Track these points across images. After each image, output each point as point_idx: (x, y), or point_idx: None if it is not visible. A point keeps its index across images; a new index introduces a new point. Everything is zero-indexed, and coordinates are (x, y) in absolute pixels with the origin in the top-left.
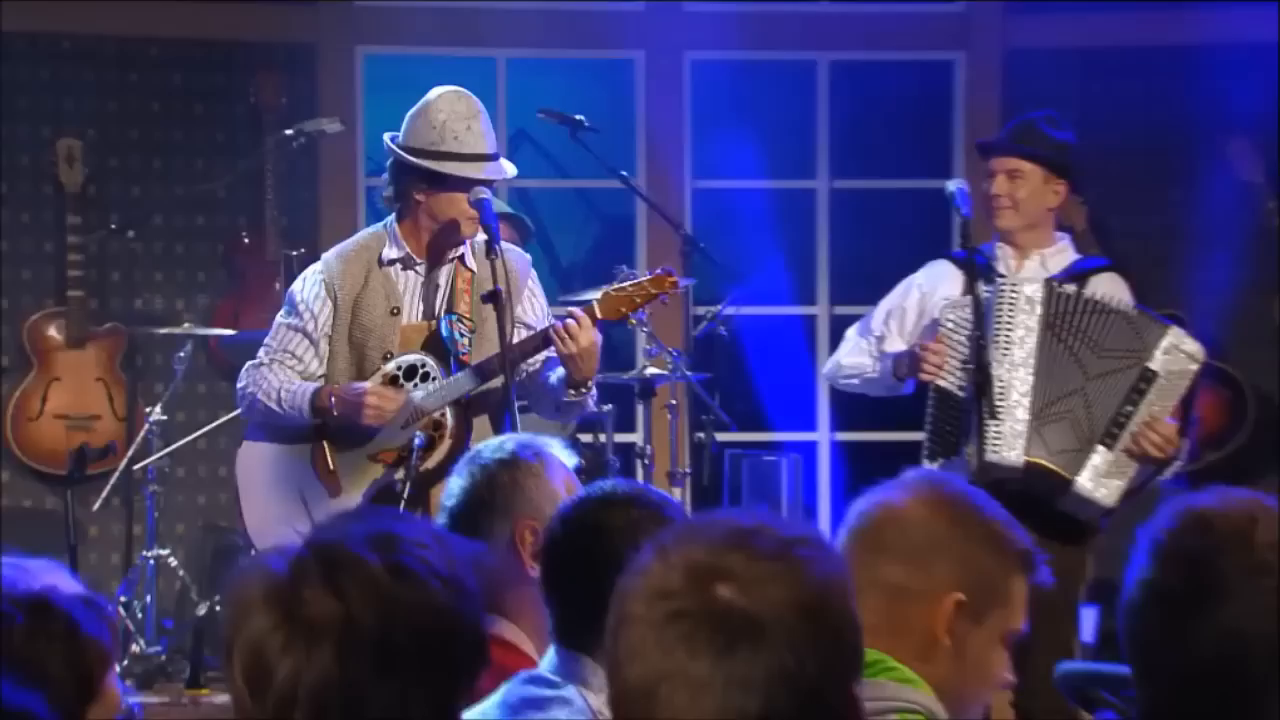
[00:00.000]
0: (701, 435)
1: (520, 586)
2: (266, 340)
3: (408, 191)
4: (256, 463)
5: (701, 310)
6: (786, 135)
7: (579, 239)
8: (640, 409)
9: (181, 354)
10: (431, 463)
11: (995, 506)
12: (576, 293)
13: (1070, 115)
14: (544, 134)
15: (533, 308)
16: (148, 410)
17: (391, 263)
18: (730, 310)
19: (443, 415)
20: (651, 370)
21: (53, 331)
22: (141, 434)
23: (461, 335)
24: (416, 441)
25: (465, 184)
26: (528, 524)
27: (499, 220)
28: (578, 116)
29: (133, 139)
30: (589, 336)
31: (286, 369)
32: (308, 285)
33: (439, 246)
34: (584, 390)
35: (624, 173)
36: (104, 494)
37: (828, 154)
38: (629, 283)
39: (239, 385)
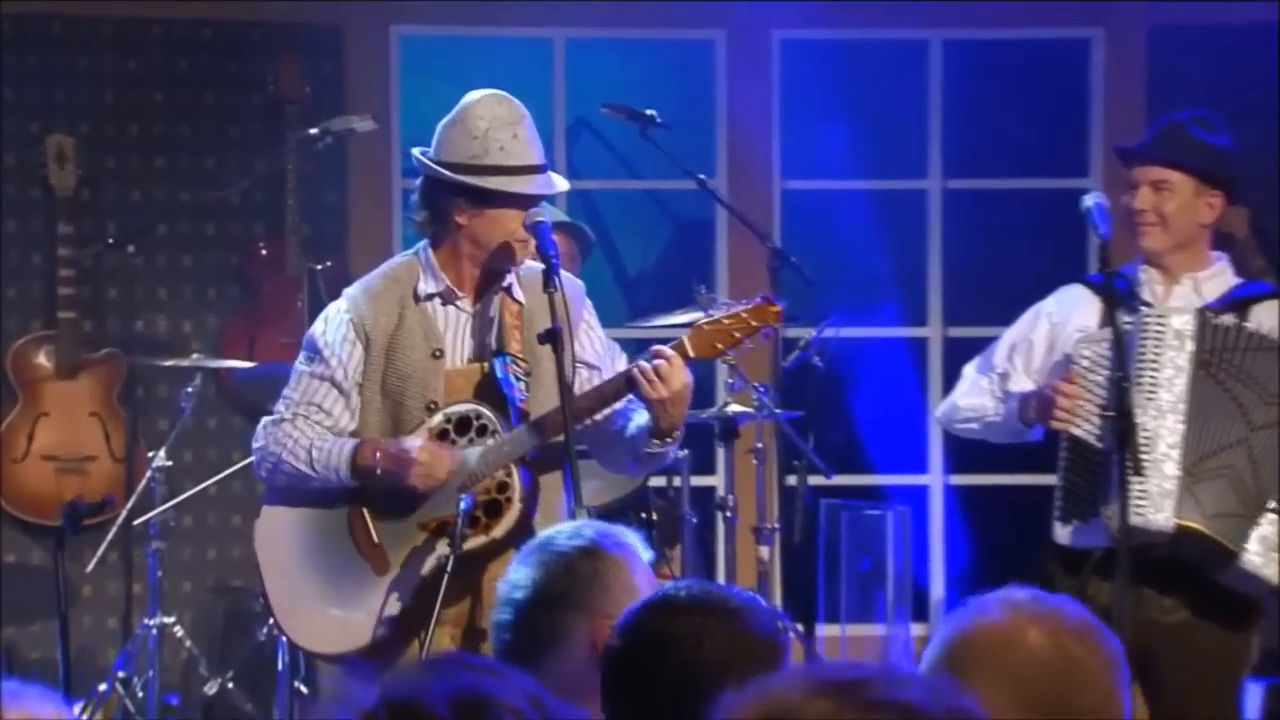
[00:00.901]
0: (793, 483)
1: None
2: (286, 392)
3: (446, 214)
4: (281, 534)
5: (793, 335)
6: (892, 127)
7: (648, 249)
8: (721, 452)
9: (189, 389)
10: (499, 531)
11: (1111, 639)
12: (648, 317)
13: (1226, 104)
14: (608, 124)
15: (591, 343)
16: (150, 454)
17: (429, 298)
18: (828, 333)
19: (508, 474)
20: (734, 407)
21: (41, 359)
22: (144, 482)
23: (518, 379)
24: (463, 504)
25: (514, 201)
26: (607, 623)
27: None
28: (648, 111)
29: (133, 135)
30: (681, 379)
31: (313, 424)
32: (332, 326)
33: (484, 276)
34: (671, 439)
35: (701, 176)
36: (100, 550)
37: (940, 149)
38: (723, 314)
39: (256, 445)
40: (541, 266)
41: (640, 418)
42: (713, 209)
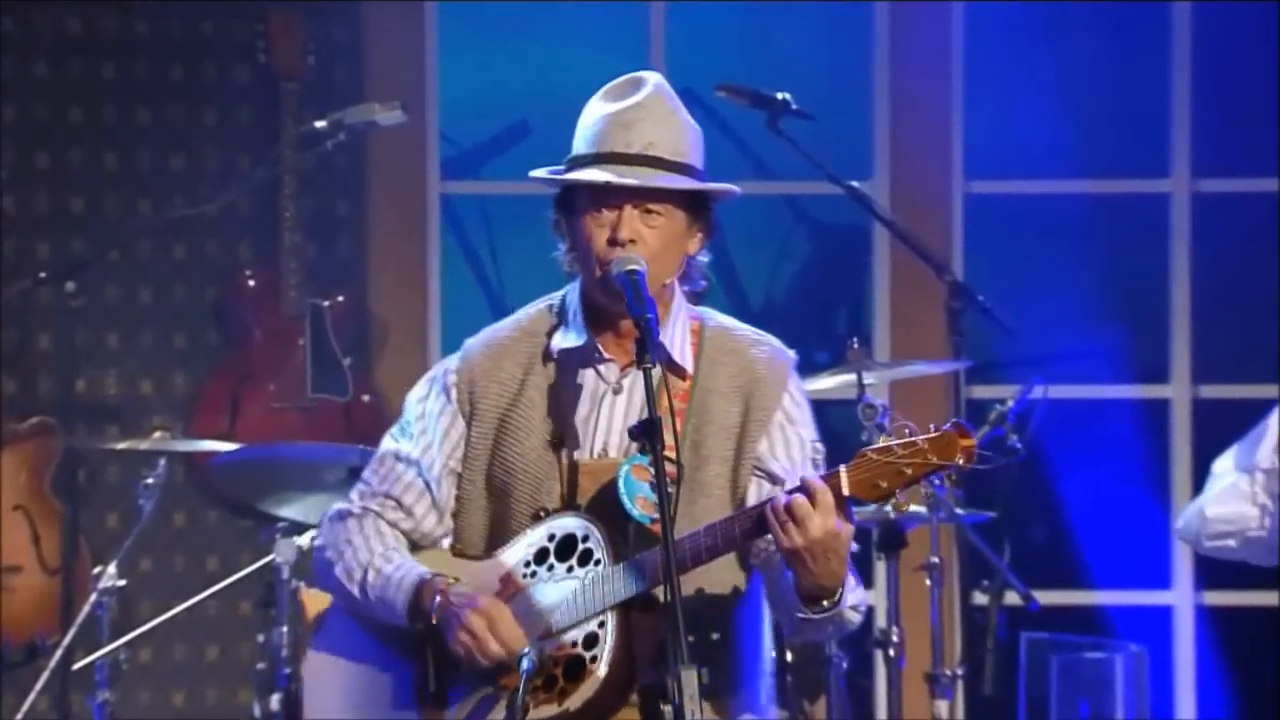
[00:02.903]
0: (982, 611)
1: None
2: (365, 474)
3: (567, 239)
4: (333, 667)
5: (978, 396)
6: (1117, 113)
7: (774, 279)
8: (882, 568)
9: (150, 480)
10: (574, 702)
11: None
12: None
13: None
14: (727, 110)
15: (785, 444)
16: (96, 569)
17: (565, 355)
18: (1033, 395)
19: (601, 623)
20: (895, 508)
21: None
22: (87, 607)
23: (650, 492)
24: (524, 666)
25: (581, 202)
26: None
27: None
28: (779, 95)
29: (74, 124)
30: (824, 524)
31: (385, 527)
32: (433, 391)
33: (629, 329)
34: (826, 608)
35: (853, 182)
36: (27, 702)
37: (1188, 142)
38: (898, 442)
39: (316, 544)
40: (726, 321)
41: None
42: (867, 225)
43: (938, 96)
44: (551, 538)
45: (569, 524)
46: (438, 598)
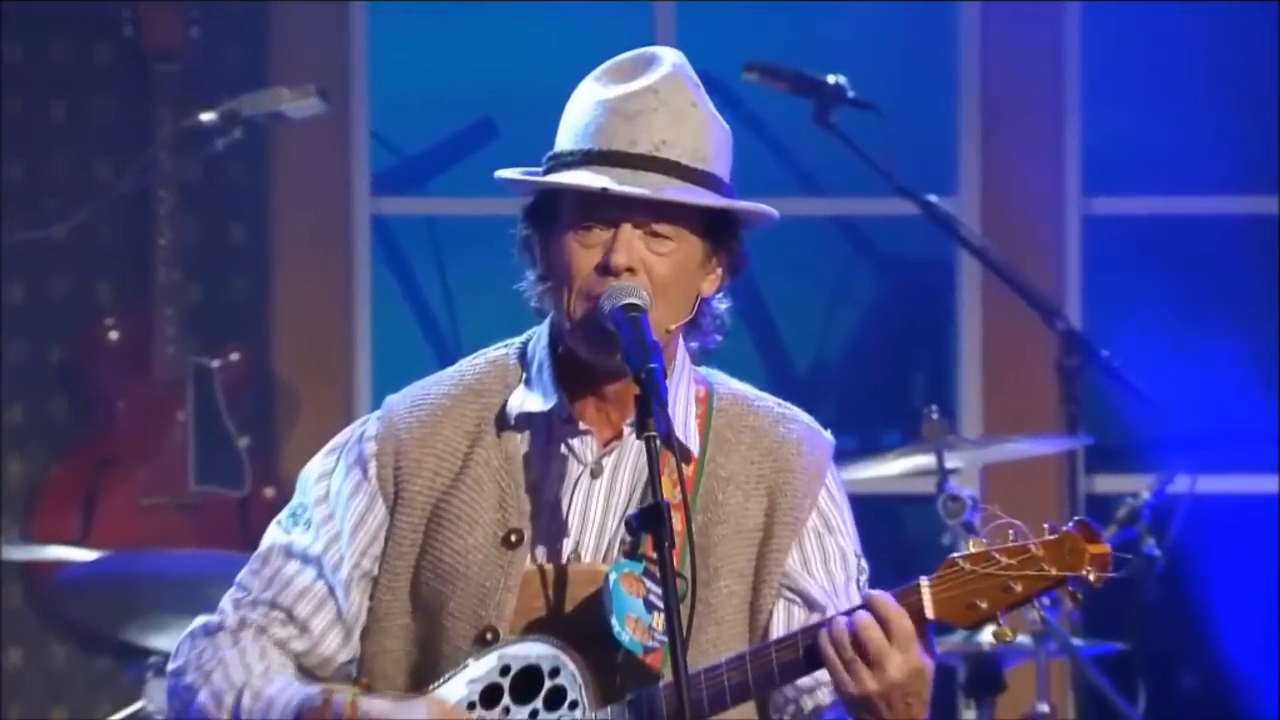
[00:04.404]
0: None
1: None
2: (243, 576)
3: (539, 265)
4: None
5: (1102, 489)
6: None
7: (830, 326)
8: (973, 719)
9: None
10: None
11: None
12: (844, 465)
13: None
14: (758, 101)
15: (822, 556)
16: None
17: (526, 422)
18: (1175, 488)
19: None
20: (994, 636)
21: None
22: None
23: (645, 611)
24: None
25: (568, 214)
26: None
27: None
28: (830, 79)
29: None
30: (908, 661)
31: (269, 646)
32: (342, 465)
33: (616, 391)
34: None
35: (931, 197)
36: None
37: None
38: (1000, 547)
39: (172, 666)
40: (741, 387)
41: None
42: (949, 255)
43: (1046, 97)
44: (505, 670)
45: (530, 652)
46: (339, 712)
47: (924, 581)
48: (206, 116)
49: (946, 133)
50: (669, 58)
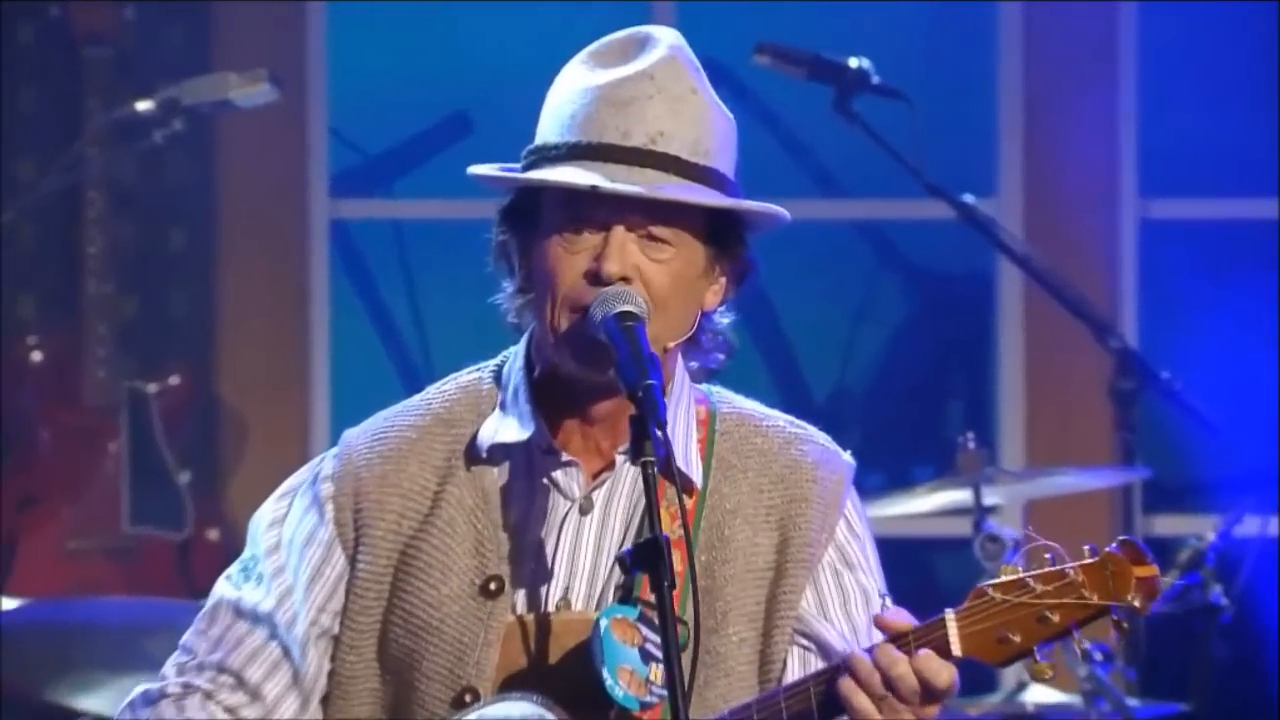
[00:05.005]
0: None
1: None
2: (188, 637)
3: (518, 274)
4: None
5: (1162, 530)
6: None
7: (853, 345)
8: None
9: None
10: None
11: None
12: (869, 501)
13: None
14: (769, 89)
15: (843, 596)
16: None
17: (502, 454)
18: (1243, 529)
19: None
20: (1039, 693)
21: None
22: None
23: (640, 662)
24: None
25: (561, 217)
26: None
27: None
28: (852, 62)
29: None
30: (941, 698)
31: (218, 714)
32: (296, 510)
33: (608, 416)
34: None
35: (967, 197)
36: None
37: None
38: (1034, 573)
39: None
40: (746, 405)
41: None
42: (988, 264)
43: (1098, 86)
44: None
45: (514, 713)
46: None
47: (950, 615)
48: (142, 106)
49: (984, 125)
50: (665, 38)
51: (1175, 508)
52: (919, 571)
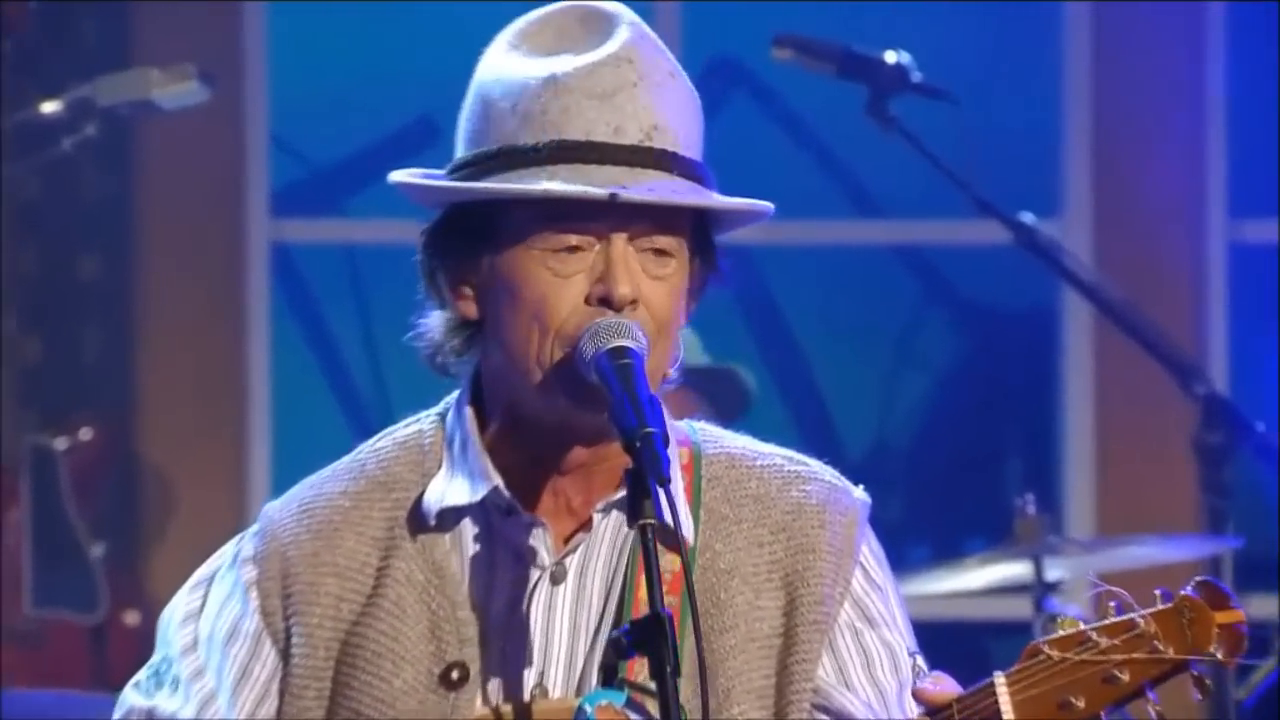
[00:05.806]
0: None
1: None
2: None
3: (459, 300)
4: None
5: (1260, 612)
6: None
7: (893, 388)
8: None
9: None
10: None
11: None
12: (912, 576)
13: None
14: (792, 88)
15: (864, 660)
16: None
17: (452, 519)
18: None
19: None
20: None
21: None
22: None
23: None
24: None
25: (549, 231)
26: None
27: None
28: (889, 57)
29: None
30: None
31: None
32: (214, 602)
33: (580, 459)
34: None
35: (1026, 215)
36: None
37: None
38: (1096, 625)
39: None
40: (737, 443)
41: None
42: (1051, 294)
43: (1180, 99)
44: None
45: None
46: None
47: (1000, 679)
48: (49, 108)
49: (1046, 133)
50: (623, 15)
51: (1271, 584)
52: (970, 660)
